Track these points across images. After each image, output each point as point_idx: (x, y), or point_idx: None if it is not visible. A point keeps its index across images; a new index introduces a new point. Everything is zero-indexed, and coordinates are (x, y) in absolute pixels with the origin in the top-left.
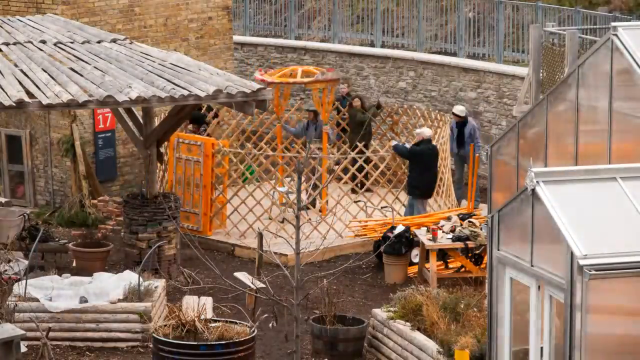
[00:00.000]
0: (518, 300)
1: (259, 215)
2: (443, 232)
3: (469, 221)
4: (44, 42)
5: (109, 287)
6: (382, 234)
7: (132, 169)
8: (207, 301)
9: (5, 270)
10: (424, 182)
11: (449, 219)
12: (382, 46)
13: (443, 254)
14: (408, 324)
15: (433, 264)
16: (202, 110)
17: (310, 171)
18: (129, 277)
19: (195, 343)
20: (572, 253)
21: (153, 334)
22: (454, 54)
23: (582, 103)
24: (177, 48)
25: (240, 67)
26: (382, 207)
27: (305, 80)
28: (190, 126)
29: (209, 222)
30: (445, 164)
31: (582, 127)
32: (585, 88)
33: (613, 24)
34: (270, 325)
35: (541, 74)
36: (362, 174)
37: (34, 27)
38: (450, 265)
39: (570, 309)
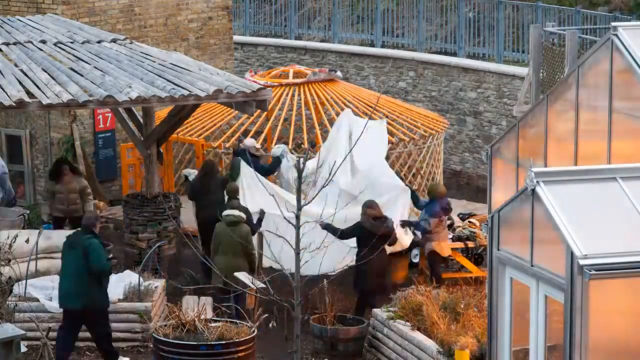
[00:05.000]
0: (518, 300)
1: None
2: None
3: (469, 221)
4: (44, 42)
5: (109, 287)
6: None
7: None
8: (207, 301)
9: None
10: None
11: (449, 219)
12: (382, 46)
13: None
14: (408, 324)
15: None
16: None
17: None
18: (129, 277)
19: (195, 343)
20: (572, 253)
21: (153, 334)
22: (454, 54)
23: (582, 103)
24: (177, 48)
25: (241, 67)
26: None
27: (298, 81)
28: None
29: None
30: (439, 165)
31: (582, 127)
32: (585, 88)
33: (613, 24)
34: (270, 325)
35: (541, 74)
36: None
37: (34, 27)
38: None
39: (570, 309)
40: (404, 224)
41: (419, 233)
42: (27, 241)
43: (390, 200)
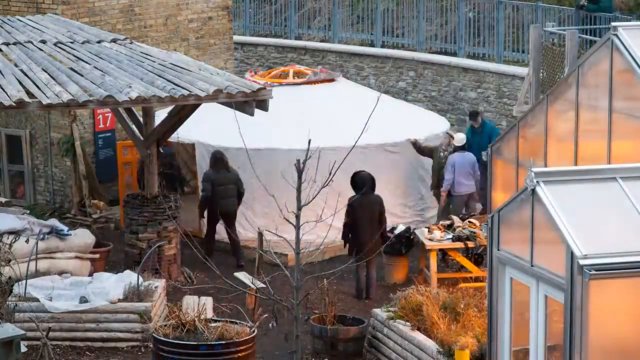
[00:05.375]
0: (518, 300)
1: None
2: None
3: (469, 221)
4: (44, 42)
5: (109, 287)
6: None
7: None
8: (207, 301)
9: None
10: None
11: (449, 219)
12: (382, 46)
13: (443, 254)
14: (408, 323)
15: (433, 264)
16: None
17: None
18: (129, 277)
19: (196, 343)
20: (572, 253)
21: (153, 334)
22: (454, 54)
23: (582, 103)
24: (177, 48)
25: (241, 67)
26: None
27: (298, 81)
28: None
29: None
30: None
31: (582, 127)
32: (585, 88)
33: (613, 23)
34: (270, 325)
35: (541, 74)
36: None
37: (34, 27)
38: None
39: (570, 309)
40: None
41: (421, 237)
42: (27, 241)
43: None
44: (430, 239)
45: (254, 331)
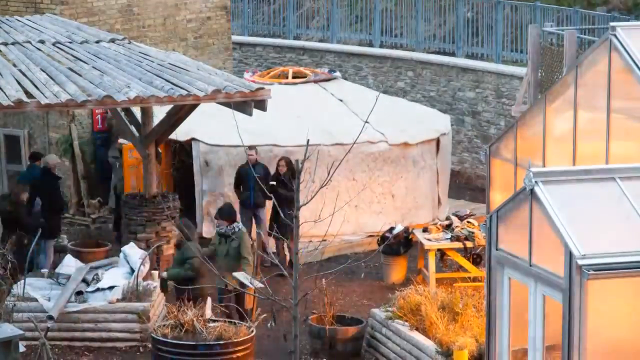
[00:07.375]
0: (516, 300)
1: None
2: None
3: (467, 221)
4: (42, 42)
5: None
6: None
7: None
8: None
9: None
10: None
11: (447, 219)
12: (381, 46)
13: (441, 254)
14: (407, 324)
15: (431, 265)
16: None
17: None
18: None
19: (194, 343)
20: (570, 253)
21: (152, 334)
22: (453, 54)
23: (580, 103)
24: (176, 48)
25: (239, 67)
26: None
27: (297, 81)
28: None
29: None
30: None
31: (580, 126)
32: (584, 88)
33: (612, 24)
34: (269, 325)
35: (539, 74)
36: None
37: (32, 27)
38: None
39: (569, 308)
40: None
41: (420, 237)
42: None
43: None
44: (428, 239)
45: (252, 331)
